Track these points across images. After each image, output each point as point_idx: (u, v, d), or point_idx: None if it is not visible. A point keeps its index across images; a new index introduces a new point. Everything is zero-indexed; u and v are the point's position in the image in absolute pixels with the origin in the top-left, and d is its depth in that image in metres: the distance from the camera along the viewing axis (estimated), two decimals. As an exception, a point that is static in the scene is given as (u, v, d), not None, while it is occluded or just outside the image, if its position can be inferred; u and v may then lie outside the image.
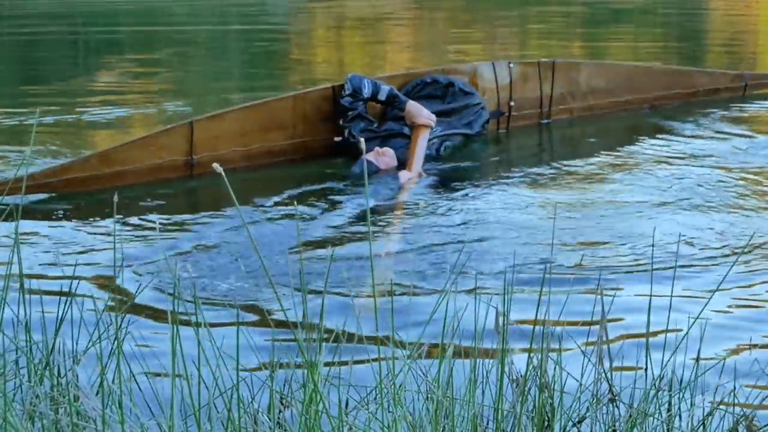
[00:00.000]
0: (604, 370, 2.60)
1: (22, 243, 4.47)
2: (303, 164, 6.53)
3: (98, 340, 2.46)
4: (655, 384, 2.50)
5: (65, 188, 5.69)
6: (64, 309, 2.57)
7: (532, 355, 2.50)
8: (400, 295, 4.02)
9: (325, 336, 2.36)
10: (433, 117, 6.57)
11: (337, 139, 6.65)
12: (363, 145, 2.43)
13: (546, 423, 2.48)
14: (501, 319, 2.51)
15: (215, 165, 2.13)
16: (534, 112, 7.56)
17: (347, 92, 6.51)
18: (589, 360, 2.61)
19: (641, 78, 8.01)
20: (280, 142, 6.59)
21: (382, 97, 6.53)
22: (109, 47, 13.72)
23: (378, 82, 6.59)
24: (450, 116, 6.87)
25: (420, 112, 6.52)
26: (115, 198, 2.46)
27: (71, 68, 11.50)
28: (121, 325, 2.30)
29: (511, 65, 7.46)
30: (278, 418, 2.46)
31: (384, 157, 6.30)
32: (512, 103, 7.41)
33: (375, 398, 2.39)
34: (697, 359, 2.63)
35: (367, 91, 6.50)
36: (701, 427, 2.54)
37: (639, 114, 7.85)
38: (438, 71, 7.26)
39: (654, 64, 9.16)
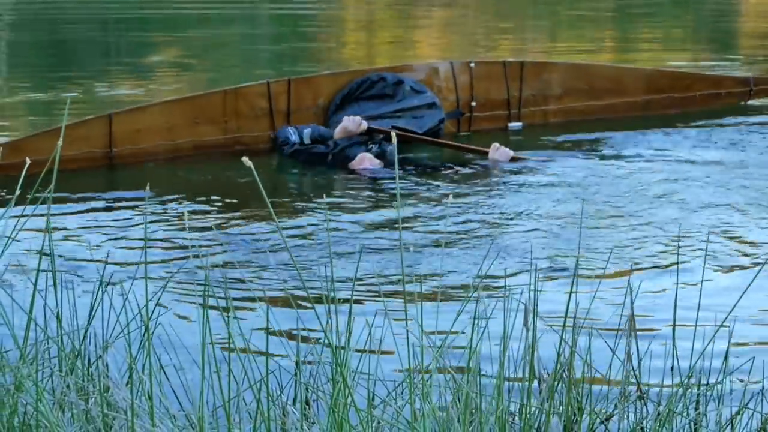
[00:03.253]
0: (632, 368, 2.59)
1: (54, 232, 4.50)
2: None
3: (128, 331, 2.47)
4: (683, 382, 2.50)
5: None
6: (94, 300, 2.59)
7: (560, 351, 2.50)
8: (428, 290, 4.02)
9: (353, 329, 2.36)
10: (356, 118, 6.47)
11: (272, 134, 6.63)
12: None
13: (574, 420, 2.48)
14: (530, 315, 2.51)
15: (244, 159, 2.11)
16: (501, 114, 7.29)
17: (290, 140, 6.44)
18: (618, 357, 2.61)
19: (626, 81, 7.62)
20: (210, 137, 6.50)
21: (306, 140, 6.43)
22: (139, 48, 13.79)
23: (299, 127, 6.50)
24: (400, 115, 6.80)
25: (346, 127, 6.42)
26: (147, 189, 2.47)
27: (103, 69, 11.54)
28: (150, 317, 2.31)
29: (473, 65, 7.25)
30: (306, 410, 2.47)
31: (367, 160, 6.28)
32: (473, 104, 7.21)
33: (403, 393, 2.40)
34: (726, 358, 2.62)
35: (294, 138, 6.42)
36: (729, 427, 2.53)
37: (643, 115, 7.58)
38: (389, 69, 7.12)
39: (644, 67, 8.67)
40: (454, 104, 7.17)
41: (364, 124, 6.46)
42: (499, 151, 6.33)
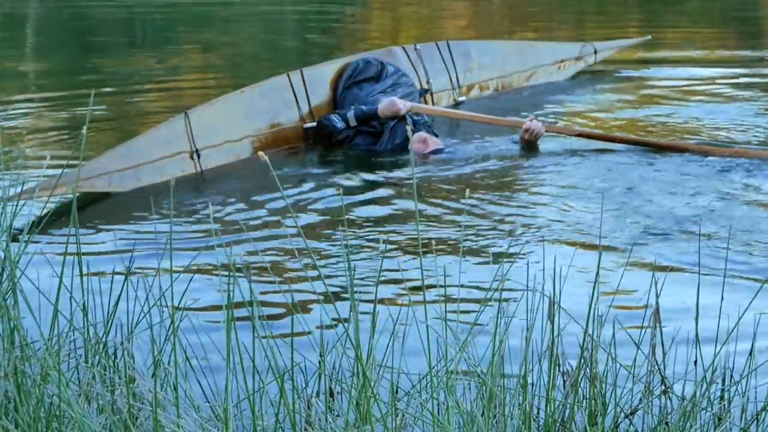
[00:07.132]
0: (656, 362, 2.59)
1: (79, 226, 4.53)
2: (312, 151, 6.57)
3: (151, 323, 2.48)
4: (707, 377, 2.49)
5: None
6: (120, 291, 2.60)
7: (584, 345, 2.50)
8: (450, 284, 4.02)
9: (377, 324, 2.37)
10: (407, 103, 6.61)
11: (305, 125, 6.65)
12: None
13: (597, 414, 2.48)
14: (553, 308, 2.51)
15: (261, 153, 2.16)
16: (449, 91, 7.81)
17: (337, 127, 6.51)
18: (642, 351, 2.60)
19: (519, 54, 8.47)
20: (262, 132, 6.45)
21: (353, 123, 6.51)
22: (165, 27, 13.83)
23: (342, 112, 6.60)
24: (389, 95, 6.89)
25: (392, 106, 6.51)
26: (172, 182, 2.48)
27: (128, 48, 11.58)
28: (176, 308, 2.32)
29: (418, 47, 7.71)
30: (330, 403, 2.48)
31: (431, 140, 6.37)
32: (430, 81, 7.64)
33: (426, 386, 2.40)
34: (751, 352, 2.61)
35: (340, 124, 6.50)
36: (754, 422, 2.52)
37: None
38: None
39: (518, 40, 10.03)
40: (418, 83, 7.51)
41: (408, 105, 6.57)
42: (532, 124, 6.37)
